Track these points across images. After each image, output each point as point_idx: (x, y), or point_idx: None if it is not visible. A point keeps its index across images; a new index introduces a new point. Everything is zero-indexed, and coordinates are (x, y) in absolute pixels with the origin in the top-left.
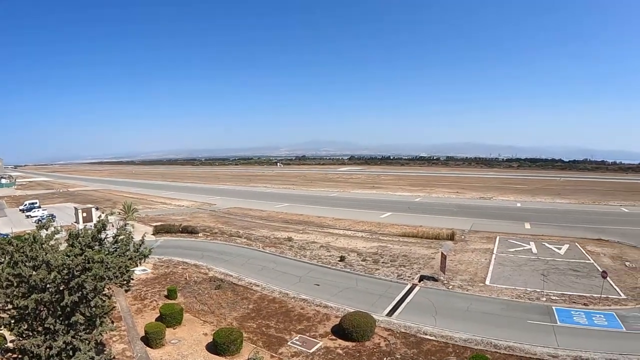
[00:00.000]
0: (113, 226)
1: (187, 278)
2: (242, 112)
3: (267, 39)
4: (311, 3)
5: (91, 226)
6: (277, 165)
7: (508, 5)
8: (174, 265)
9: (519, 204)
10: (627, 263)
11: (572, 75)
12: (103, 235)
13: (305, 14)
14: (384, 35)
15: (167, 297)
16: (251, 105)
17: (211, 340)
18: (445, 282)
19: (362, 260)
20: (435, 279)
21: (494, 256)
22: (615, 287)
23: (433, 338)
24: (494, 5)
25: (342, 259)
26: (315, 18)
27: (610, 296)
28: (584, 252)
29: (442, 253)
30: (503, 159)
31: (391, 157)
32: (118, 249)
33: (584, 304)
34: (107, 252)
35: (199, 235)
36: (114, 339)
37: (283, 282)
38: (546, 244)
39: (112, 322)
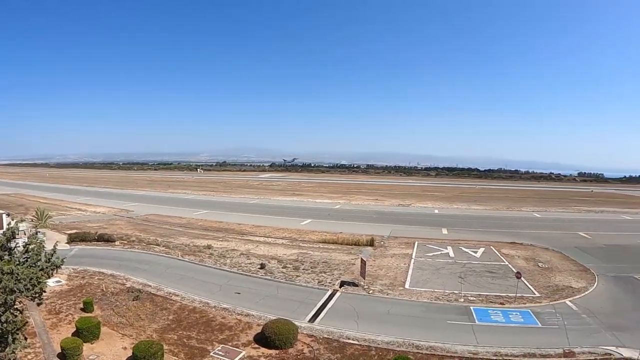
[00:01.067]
0: (25, 234)
1: (104, 289)
2: (162, 116)
3: (192, 42)
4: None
5: (0, 234)
6: (197, 171)
7: (421, 13)
8: (90, 275)
9: (436, 211)
10: (539, 264)
11: (486, 88)
12: (13, 244)
13: (227, 23)
14: (308, 42)
15: (83, 310)
16: (172, 109)
17: (131, 354)
18: (366, 287)
19: (282, 267)
20: (355, 284)
21: (412, 261)
22: (529, 286)
23: (356, 342)
24: (406, 13)
25: (262, 266)
26: (240, 23)
27: (525, 295)
28: (499, 254)
29: (361, 259)
30: (422, 168)
31: (312, 165)
32: (29, 259)
33: (501, 303)
34: (17, 263)
35: (116, 243)
36: (28, 356)
37: (203, 291)
38: (463, 248)
39: (26, 339)
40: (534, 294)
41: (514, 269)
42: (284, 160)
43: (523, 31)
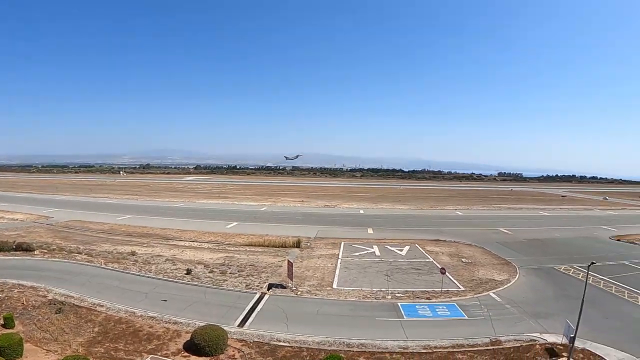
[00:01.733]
0: None
1: (25, 303)
2: (83, 117)
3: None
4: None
5: None
6: (120, 174)
7: (332, 15)
8: (9, 288)
9: (362, 211)
10: (463, 259)
11: (411, 91)
12: None
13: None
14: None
15: (3, 326)
16: (93, 109)
17: None
18: (294, 288)
19: (209, 272)
20: (283, 287)
21: (339, 261)
22: (454, 281)
23: (287, 344)
24: (322, 18)
25: (188, 271)
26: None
27: (450, 289)
28: (423, 252)
29: (288, 260)
30: (348, 169)
31: (238, 167)
32: None
33: (427, 298)
34: None
35: (36, 252)
36: None
37: (129, 300)
38: (389, 247)
39: None
40: (459, 287)
41: (438, 265)
42: (285, 158)
43: (443, 34)
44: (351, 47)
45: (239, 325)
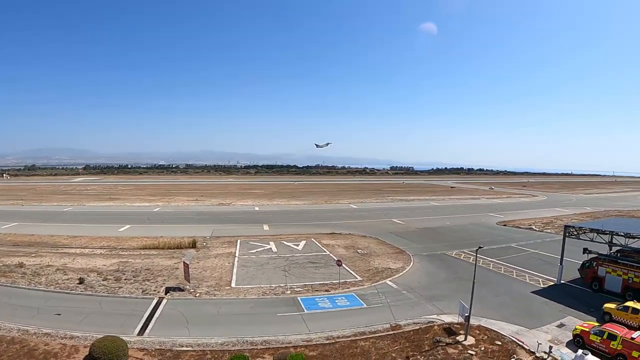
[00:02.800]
0: None
1: None
2: None
3: None
4: None
5: None
6: (3, 177)
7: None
8: None
9: (257, 208)
10: (359, 250)
11: (305, 87)
12: None
13: None
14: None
15: None
16: None
17: None
18: (192, 290)
19: (103, 280)
20: (181, 289)
21: (236, 259)
22: (351, 272)
23: (190, 348)
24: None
25: (81, 281)
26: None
27: (348, 280)
28: (320, 245)
29: (184, 262)
30: (242, 166)
31: (129, 166)
32: None
33: (326, 290)
34: None
35: None
36: None
37: (20, 318)
38: (285, 242)
39: None
40: (357, 278)
41: (335, 258)
42: (316, 145)
43: (341, 34)
44: (246, 44)
45: (138, 334)
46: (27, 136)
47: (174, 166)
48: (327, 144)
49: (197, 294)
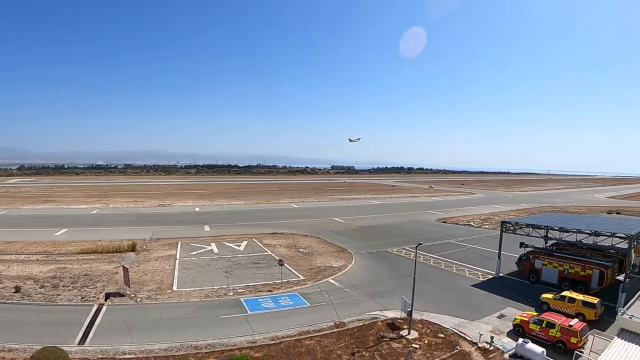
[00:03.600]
0: None
1: None
2: None
3: None
4: None
5: None
6: None
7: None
8: None
9: (197, 209)
10: (300, 250)
11: (244, 85)
12: None
13: None
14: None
15: None
16: None
17: None
18: (133, 295)
19: (40, 287)
20: (122, 295)
21: (177, 261)
22: (294, 271)
23: (133, 356)
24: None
25: (17, 289)
26: None
27: (291, 279)
28: (261, 245)
29: (123, 266)
30: (182, 166)
31: (66, 167)
32: None
33: (269, 291)
34: None
35: None
36: None
37: None
38: (226, 243)
39: None
40: (299, 277)
41: (276, 257)
42: (350, 140)
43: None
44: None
45: (79, 343)
46: None
47: (112, 166)
48: (359, 139)
49: (138, 299)
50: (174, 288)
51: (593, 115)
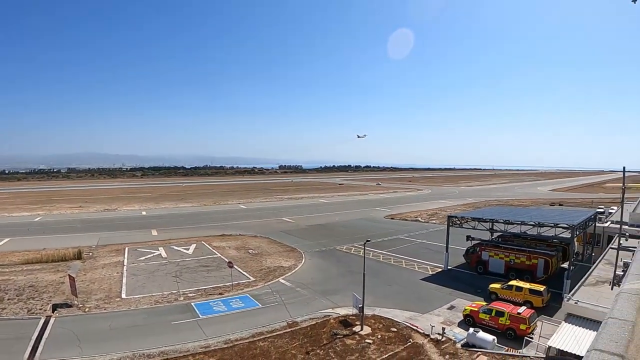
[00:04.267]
0: None
1: None
2: None
3: None
4: None
5: None
6: None
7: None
8: None
9: (144, 212)
10: (250, 251)
11: (196, 87)
12: None
13: None
14: None
15: None
16: None
17: None
18: (81, 305)
19: None
20: (69, 305)
21: (125, 268)
22: (244, 272)
23: None
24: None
25: None
26: None
27: (241, 281)
28: (210, 248)
29: (69, 275)
30: (127, 169)
31: (6, 172)
32: None
33: (220, 294)
34: None
35: None
36: None
37: None
38: (175, 247)
39: None
40: (250, 279)
41: (226, 260)
42: (358, 136)
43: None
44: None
45: (28, 358)
46: None
47: (55, 170)
48: (365, 135)
49: (87, 309)
50: (123, 296)
51: (535, 115)
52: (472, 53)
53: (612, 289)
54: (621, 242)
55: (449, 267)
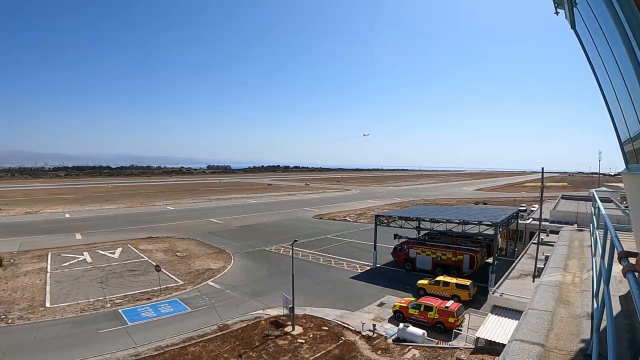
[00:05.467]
0: None
1: None
2: None
3: None
4: None
5: None
6: None
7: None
8: None
9: (68, 215)
10: (178, 253)
11: (122, 81)
12: None
13: None
14: None
15: None
16: None
17: None
18: (3, 316)
19: None
20: None
21: (49, 275)
22: (172, 276)
23: None
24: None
25: None
26: None
27: (170, 285)
28: (137, 251)
29: None
30: (50, 168)
31: None
32: None
33: (148, 299)
34: None
35: None
36: None
37: None
38: (100, 251)
39: None
40: (178, 282)
41: (153, 263)
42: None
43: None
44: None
45: None
46: None
47: None
48: (368, 134)
49: (9, 320)
50: (47, 305)
51: (459, 118)
52: (400, 54)
53: (533, 281)
54: (542, 237)
55: (377, 265)
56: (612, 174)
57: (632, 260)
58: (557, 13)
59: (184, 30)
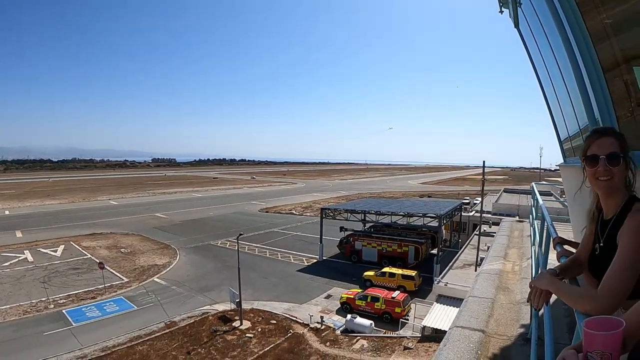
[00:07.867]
0: None
1: None
2: None
3: None
4: None
5: None
6: None
7: None
8: None
9: (7, 212)
10: (122, 250)
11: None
12: None
13: None
14: None
15: None
16: None
17: None
18: None
19: None
20: None
21: None
22: (117, 273)
23: None
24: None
25: None
26: None
27: (114, 283)
28: (80, 249)
29: None
30: None
31: None
32: None
33: (93, 298)
34: None
35: None
36: None
37: None
38: (42, 250)
39: None
40: (123, 279)
41: (97, 260)
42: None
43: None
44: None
45: None
46: None
47: None
48: (391, 128)
49: None
50: None
51: (407, 111)
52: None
53: (476, 270)
54: (485, 228)
55: (324, 258)
56: (553, 169)
57: (567, 247)
58: (501, 12)
59: (121, 15)
